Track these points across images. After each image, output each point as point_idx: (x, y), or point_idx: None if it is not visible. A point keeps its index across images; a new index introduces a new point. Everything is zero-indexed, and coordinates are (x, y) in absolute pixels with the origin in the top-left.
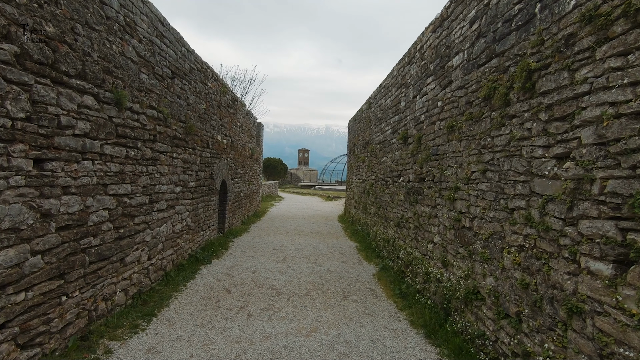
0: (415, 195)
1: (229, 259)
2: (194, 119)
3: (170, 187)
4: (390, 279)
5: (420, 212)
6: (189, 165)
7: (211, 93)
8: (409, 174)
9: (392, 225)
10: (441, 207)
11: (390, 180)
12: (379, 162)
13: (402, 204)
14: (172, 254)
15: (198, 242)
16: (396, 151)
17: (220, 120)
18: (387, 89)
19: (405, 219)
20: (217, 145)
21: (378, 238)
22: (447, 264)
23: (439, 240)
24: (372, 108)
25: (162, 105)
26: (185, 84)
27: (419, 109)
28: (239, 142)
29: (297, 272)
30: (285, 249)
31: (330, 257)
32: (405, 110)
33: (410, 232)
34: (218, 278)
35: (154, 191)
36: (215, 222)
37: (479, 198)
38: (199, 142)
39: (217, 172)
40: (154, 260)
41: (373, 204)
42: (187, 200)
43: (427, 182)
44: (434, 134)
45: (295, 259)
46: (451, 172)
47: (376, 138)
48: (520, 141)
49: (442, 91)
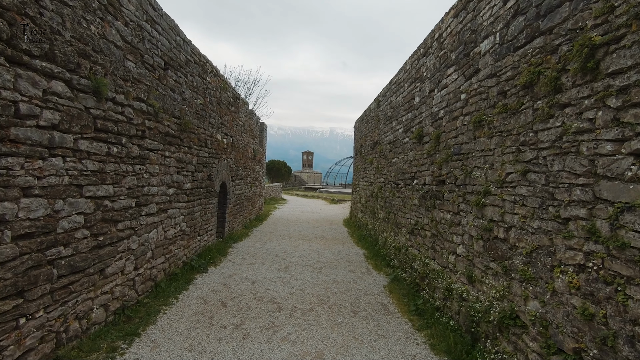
0: (433, 199)
1: (227, 266)
2: (190, 115)
3: (162, 189)
4: (403, 292)
5: (439, 219)
6: (184, 165)
7: (210, 89)
8: (425, 176)
9: (405, 232)
10: (466, 214)
11: (402, 183)
12: (389, 163)
13: (416, 209)
14: (163, 262)
15: (194, 249)
16: (409, 151)
17: (220, 118)
18: (399, 84)
19: (420, 225)
20: (217, 145)
21: (388, 245)
22: (474, 280)
23: (463, 251)
24: (382, 106)
25: (153, 98)
26: (180, 77)
27: (437, 103)
28: (240, 142)
29: (301, 282)
30: (288, 255)
31: (336, 265)
32: (420, 106)
33: (426, 241)
34: (213, 289)
35: (142, 193)
36: (213, 227)
37: (518, 204)
38: (196, 141)
39: (216, 173)
40: (141, 270)
41: (382, 208)
42: (182, 204)
43: (447, 185)
44: (455, 131)
45: (299, 267)
46: (479, 173)
47: (385, 138)
48: (577, 135)
49: (466, 82)
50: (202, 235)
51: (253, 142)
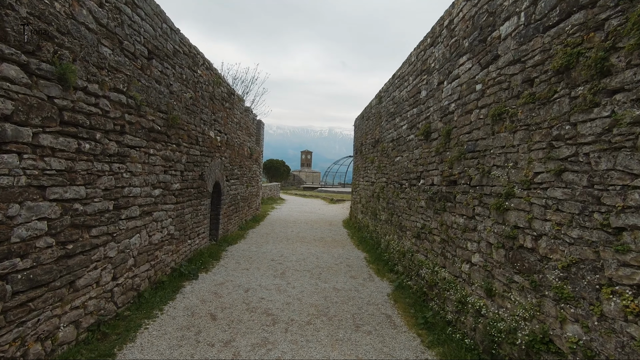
0: (443, 201)
1: (220, 272)
2: (178, 110)
3: (146, 190)
4: (409, 302)
5: (450, 223)
6: (171, 164)
7: (201, 82)
8: (433, 176)
9: (410, 236)
10: (483, 219)
11: (407, 183)
12: (392, 162)
13: (423, 212)
14: (148, 269)
15: (184, 253)
16: (414, 149)
17: (213, 114)
18: (403, 78)
19: (428, 229)
20: (209, 142)
21: (391, 249)
22: (494, 293)
23: (480, 260)
24: (384, 102)
25: (134, 90)
26: (167, 68)
27: (447, 97)
28: (235, 140)
29: (298, 290)
30: (285, 260)
31: (336, 270)
32: (427, 100)
33: (434, 246)
34: (203, 298)
35: (121, 195)
36: (206, 229)
37: (550, 209)
38: (186, 138)
39: (208, 173)
40: (121, 279)
41: (384, 209)
42: (170, 205)
43: (460, 186)
44: (469, 126)
45: (296, 273)
46: (500, 173)
47: (388, 135)
48: (634, 126)
49: (482, 71)
50: (193, 238)
51: (249, 140)
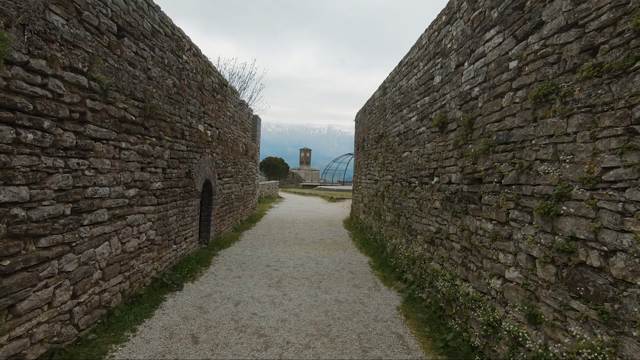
0: (464, 203)
1: (208, 281)
2: (158, 98)
3: (117, 190)
4: (423, 318)
5: (474, 229)
6: (151, 160)
7: (188, 70)
8: (451, 173)
9: (421, 241)
10: (521, 225)
11: (417, 181)
12: (398, 158)
13: (437, 214)
14: (121, 282)
15: (168, 260)
16: (426, 143)
17: (202, 106)
18: (411, 65)
19: (445, 234)
20: (198, 137)
21: (399, 254)
22: (540, 320)
23: (518, 277)
24: (389, 93)
25: (99, 71)
26: (143, 50)
27: (468, 80)
28: (229, 136)
29: (295, 303)
30: (282, 265)
31: (337, 278)
32: (443, 86)
33: (453, 255)
34: (185, 315)
35: (82, 196)
36: (195, 232)
37: (633, 217)
38: (168, 131)
39: (197, 170)
40: (83, 297)
41: (390, 210)
42: (149, 207)
43: (487, 185)
44: (500, 112)
45: (294, 282)
46: (548, 168)
47: (394, 129)
48: None
49: (517, 45)
50: (179, 243)
51: (244, 136)
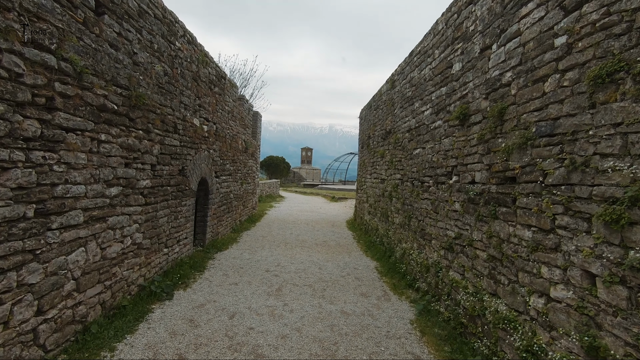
0: (492, 205)
1: (202, 289)
2: (146, 87)
3: (95, 188)
4: (441, 335)
5: (505, 236)
6: (137, 156)
7: (181, 58)
8: (474, 171)
9: (437, 247)
10: (574, 234)
11: (431, 180)
12: (409, 155)
13: (458, 217)
14: (100, 292)
15: (157, 266)
16: (443, 138)
17: (197, 98)
18: (424, 54)
19: (467, 240)
20: (193, 132)
21: (410, 260)
22: (604, 355)
23: (570, 297)
24: (397, 86)
25: (71, 50)
26: (128, 32)
27: (497, 65)
28: (227, 132)
29: (297, 315)
30: (282, 270)
31: (343, 285)
32: (464, 74)
33: (477, 265)
34: (173, 330)
35: (50, 195)
36: (189, 234)
37: None
38: (158, 123)
39: (192, 168)
40: (52, 312)
41: (398, 211)
42: (135, 207)
43: (524, 185)
44: (541, 100)
45: (295, 289)
46: (614, 165)
47: (403, 125)
48: None
49: (566, 17)
50: (171, 246)
51: (244, 132)
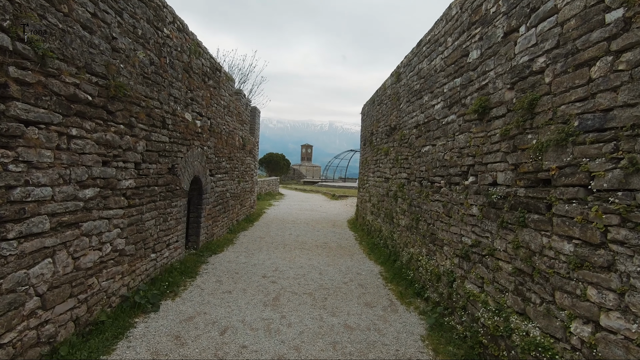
0: (520, 211)
1: (192, 298)
2: (129, 76)
3: (66, 190)
4: (457, 355)
5: (538, 247)
6: (118, 153)
7: (171, 47)
8: (496, 171)
9: (450, 254)
10: (634, 252)
11: (443, 180)
12: (417, 153)
13: (475, 223)
14: (74, 307)
15: (144, 273)
16: (457, 134)
17: (189, 91)
18: (436, 42)
19: (487, 249)
20: (184, 127)
21: (418, 267)
22: None
23: (629, 329)
24: (403, 79)
25: (30, 30)
26: (106, 14)
27: (526, 49)
28: (223, 127)
29: (296, 330)
30: (280, 276)
31: (345, 293)
32: (483, 63)
33: (500, 277)
34: (156, 349)
35: (6, 200)
36: (181, 236)
37: None
38: (143, 117)
39: (183, 166)
40: (9, 336)
41: (405, 213)
42: (116, 210)
43: (562, 189)
44: (587, 87)
45: (294, 298)
46: None
47: (410, 120)
48: None
49: None
50: (159, 251)
51: (241, 128)
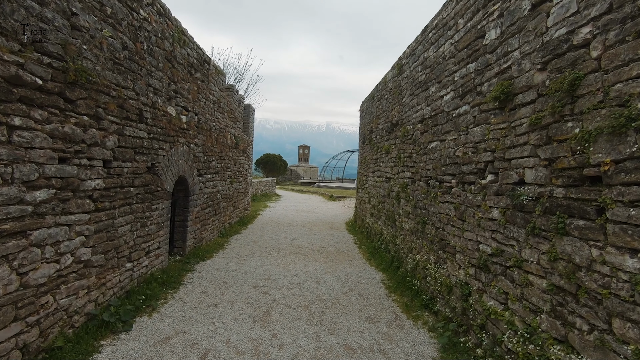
0: (558, 216)
1: (172, 314)
2: (94, 60)
3: (5, 193)
4: None
5: (584, 261)
6: (80, 149)
7: (149, 31)
8: (523, 167)
9: (464, 263)
10: None
11: (454, 179)
12: (422, 150)
13: (496, 228)
14: (20, 332)
15: (117, 286)
16: (471, 127)
17: (172, 83)
18: (444, 27)
19: (512, 260)
20: (167, 122)
21: (426, 275)
22: None
23: None
24: (406, 71)
25: None
26: None
27: (564, 19)
28: (213, 124)
29: (288, 354)
30: (273, 285)
31: (345, 306)
32: (504, 43)
33: (530, 294)
34: None
35: None
36: (163, 242)
37: None
38: (114, 109)
39: (166, 165)
40: None
41: (409, 215)
42: (80, 215)
43: (620, 188)
44: None
45: (287, 313)
46: None
47: (414, 115)
48: None
49: None
50: (136, 260)
51: (234, 126)
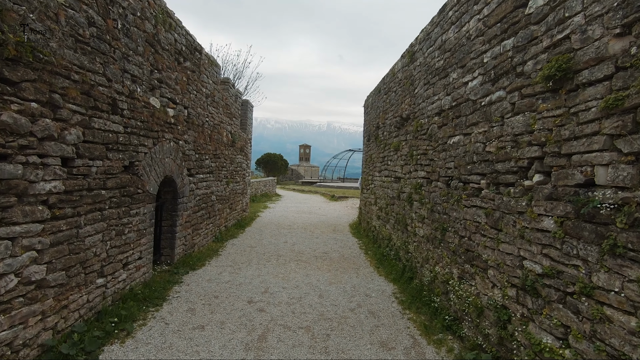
0: None
1: (150, 340)
2: (47, 35)
3: None
4: None
5: None
6: (29, 143)
7: (124, 7)
8: (593, 165)
9: (500, 282)
10: None
11: (484, 180)
12: (440, 146)
13: (551, 243)
14: None
15: (84, 307)
16: (508, 116)
17: (156, 71)
18: (468, 2)
19: (578, 286)
20: (148, 115)
21: (448, 292)
22: None
23: None
24: (420, 58)
25: None
26: None
27: None
28: (205, 120)
29: None
30: (271, 300)
31: (353, 326)
32: (560, 6)
33: (609, 334)
34: None
35: None
36: (146, 252)
37: None
38: (76, 96)
39: (148, 163)
40: None
41: (424, 220)
42: (28, 226)
43: None
44: None
45: (286, 337)
46: None
47: (430, 106)
48: None
49: None
50: (110, 274)
51: (231, 123)
